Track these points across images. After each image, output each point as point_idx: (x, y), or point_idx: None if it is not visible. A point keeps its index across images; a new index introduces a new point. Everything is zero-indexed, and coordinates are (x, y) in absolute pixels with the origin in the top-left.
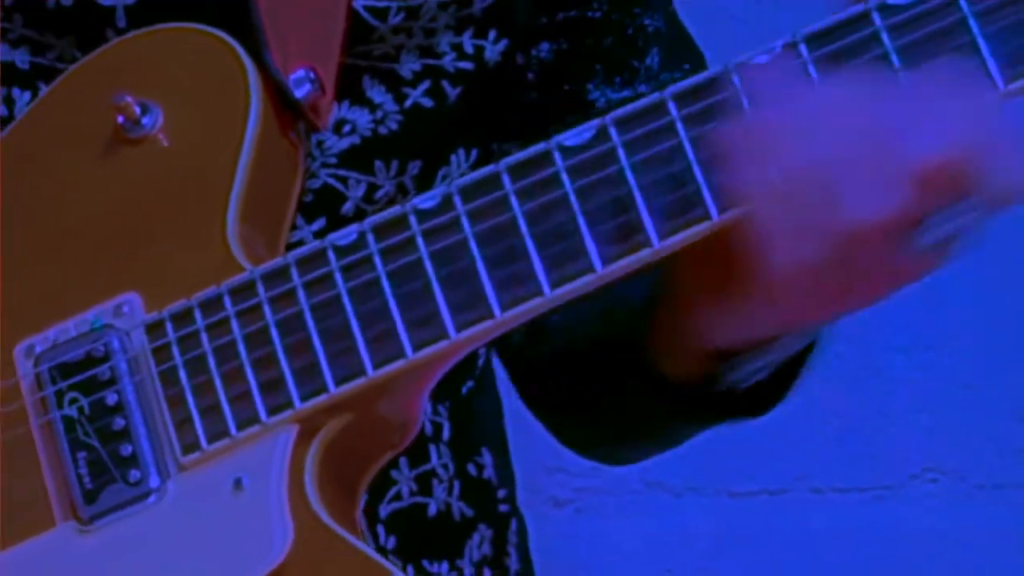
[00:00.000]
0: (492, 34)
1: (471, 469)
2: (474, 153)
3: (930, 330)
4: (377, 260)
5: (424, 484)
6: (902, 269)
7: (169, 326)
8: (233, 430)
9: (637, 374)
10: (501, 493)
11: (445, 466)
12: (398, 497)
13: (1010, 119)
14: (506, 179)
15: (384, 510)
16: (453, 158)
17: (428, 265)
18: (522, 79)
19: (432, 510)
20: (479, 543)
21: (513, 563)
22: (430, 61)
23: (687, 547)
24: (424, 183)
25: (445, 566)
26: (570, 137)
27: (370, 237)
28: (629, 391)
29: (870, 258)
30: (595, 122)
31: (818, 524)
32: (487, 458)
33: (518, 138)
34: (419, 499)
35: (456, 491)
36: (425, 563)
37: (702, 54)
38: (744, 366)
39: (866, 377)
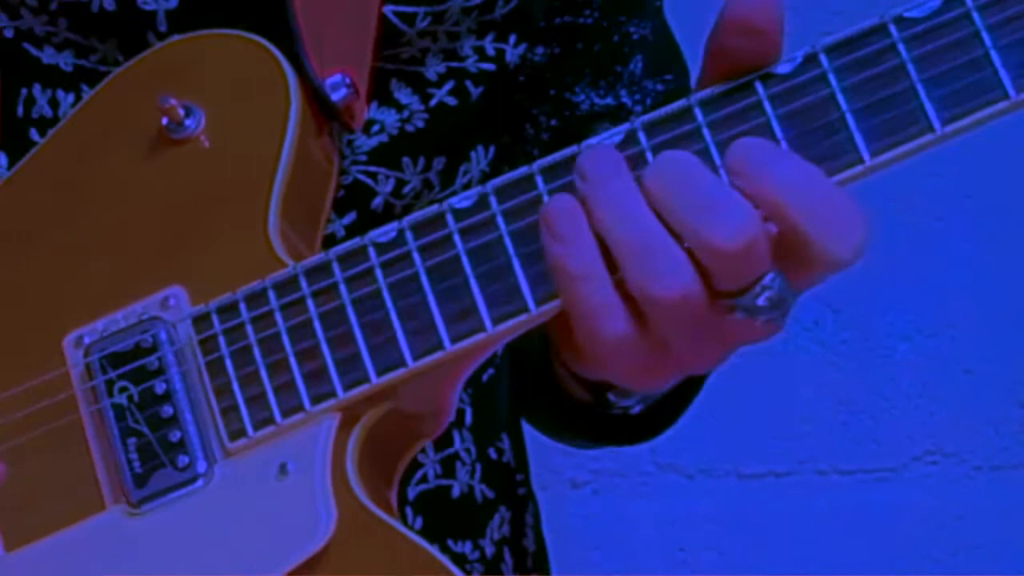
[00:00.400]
0: (512, 38)
1: (492, 453)
2: (492, 149)
3: (931, 318)
4: (416, 256)
5: (448, 467)
6: (729, 334)
7: (215, 318)
8: (278, 418)
9: (542, 383)
10: (519, 477)
11: (468, 450)
12: (424, 479)
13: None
14: (539, 180)
15: (412, 492)
16: (473, 154)
17: (465, 261)
18: (515, 81)
19: (456, 492)
20: (499, 524)
21: (530, 544)
22: (454, 63)
23: (698, 526)
24: (448, 178)
25: (469, 545)
26: (601, 140)
27: (409, 234)
28: (538, 395)
29: (677, 329)
30: (624, 126)
31: (823, 505)
32: (506, 443)
33: (523, 138)
34: (444, 481)
35: (478, 474)
36: (450, 542)
37: (686, 66)
38: (618, 398)
39: (870, 363)
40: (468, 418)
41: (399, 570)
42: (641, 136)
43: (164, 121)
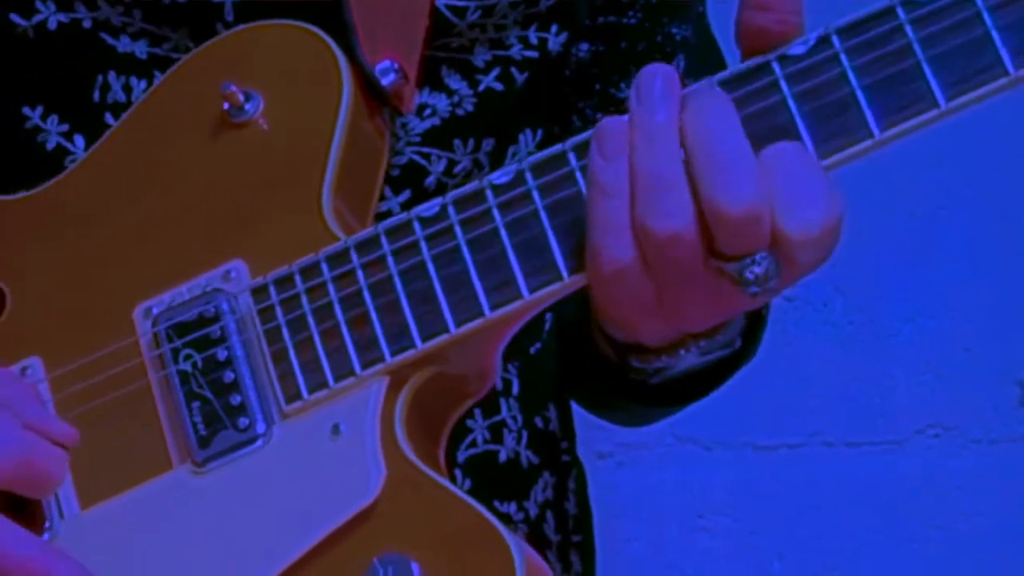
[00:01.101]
0: (554, 28)
1: (538, 422)
2: (540, 132)
3: (933, 302)
4: (458, 230)
5: (496, 433)
6: (719, 294)
7: (272, 290)
8: (331, 382)
9: (582, 345)
10: (563, 444)
11: (514, 418)
12: (473, 444)
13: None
14: (572, 156)
15: (461, 455)
16: (521, 137)
17: (503, 234)
18: (560, 74)
19: (503, 456)
20: (543, 488)
21: (571, 507)
22: (499, 52)
23: (715, 494)
24: (496, 159)
25: (513, 506)
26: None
27: (451, 209)
28: (580, 360)
29: (670, 271)
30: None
31: (832, 475)
32: (552, 412)
33: (570, 130)
34: (491, 446)
35: (524, 440)
36: (496, 503)
37: (727, 66)
38: (638, 362)
39: (876, 343)
40: (515, 388)
41: (445, 523)
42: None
43: (226, 106)
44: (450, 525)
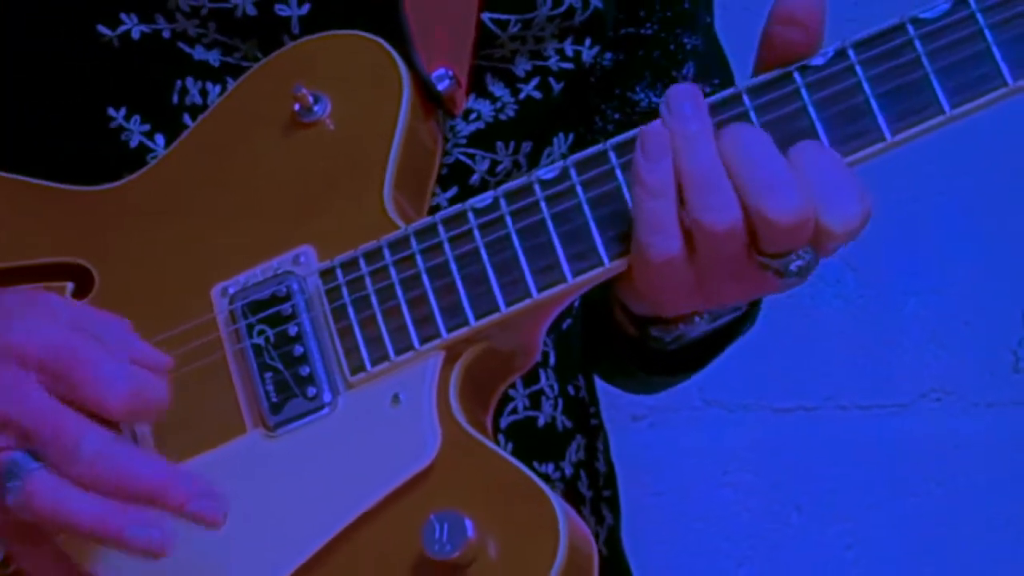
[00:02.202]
0: (588, 41)
1: (570, 390)
2: (571, 136)
3: (936, 278)
4: (508, 220)
5: (535, 401)
6: (755, 282)
7: (339, 272)
8: (392, 355)
9: (605, 321)
10: (592, 410)
11: (551, 387)
12: (514, 411)
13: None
14: (612, 155)
15: (504, 421)
16: (555, 140)
17: (550, 224)
18: (587, 81)
19: (541, 422)
20: (576, 449)
21: (600, 466)
22: (539, 62)
23: (738, 453)
24: (533, 160)
25: (551, 467)
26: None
27: (502, 201)
28: (605, 334)
29: (716, 261)
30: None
31: (844, 434)
32: (581, 381)
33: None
34: (531, 413)
35: (560, 407)
36: (535, 463)
37: (732, 74)
38: (659, 331)
39: (885, 314)
40: (551, 359)
41: (495, 483)
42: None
43: (296, 107)
44: (499, 485)
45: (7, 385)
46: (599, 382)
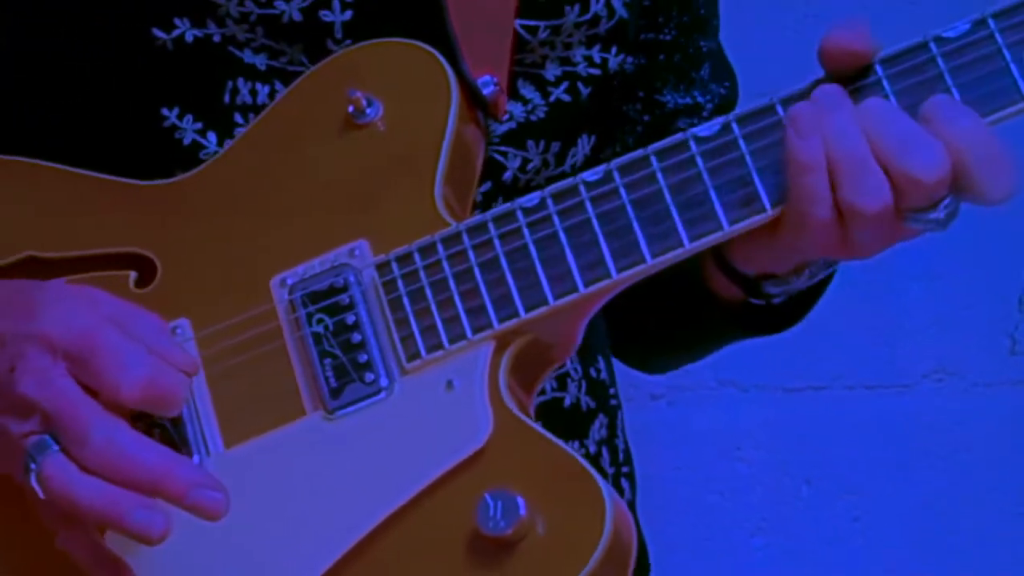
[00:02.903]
0: (614, 49)
1: (592, 372)
2: (594, 137)
3: (938, 266)
4: (555, 219)
5: (561, 383)
6: (896, 236)
7: (395, 266)
8: (446, 344)
9: (694, 293)
10: (612, 391)
11: (575, 369)
12: (543, 392)
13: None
14: (654, 160)
15: (534, 403)
16: (580, 141)
17: (595, 223)
18: (610, 84)
19: (567, 402)
20: (599, 428)
21: (620, 443)
22: (568, 68)
23: (751, 430)
24: (560, 159)
25: (576, 444)
26: (703, 129)
27: (549, 200)
28: (687, 306)
29: (865, 229)
30: (721, 119)
31: (851, 413)
32: (602, 363)
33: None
34: (557, 394)
35: (583, 388)
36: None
37: (735, 74)
38: (772, 286)
39: (889, 299)
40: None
41: (543, 464)
42: (735, 128)
43: (350, 109)
44: (547, 465)
45: (34, 369)
46: (617, 364)
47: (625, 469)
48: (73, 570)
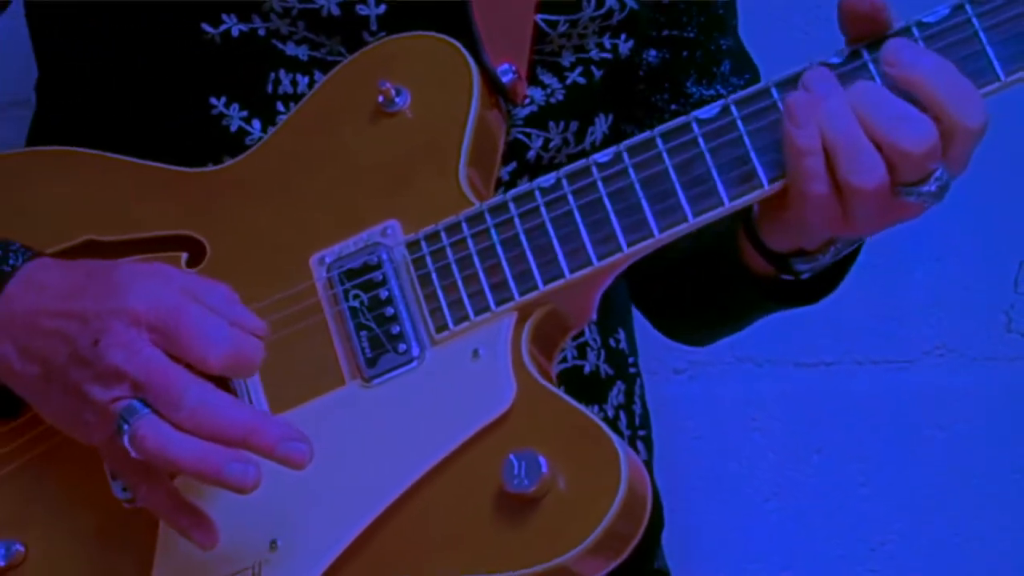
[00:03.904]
0: (623, 36)
1: (611, 342)
2: (611, 116)
3: (940, 249)
4: (571, 198)
5: (581, 351)
6: (895, 212)
7: (424, 244)
8: (472, 316)
9: (730, 269)
10: (631, 360)
11: (594, 339)
12: (564, 360)
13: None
14: (659, 141)
15: (555, 369)
16: (597, 120)
17: (607, 201)
18: (635, 74)
19: (587, 369)
20: (616, 394)
21: (637, 408)
22: (581, 55)
23: (766, 402)
24: (579, 137)
25: (596, 408)
26: (704, 111)
27: (564, 181)
28: (725, 282)
29: (863, 204)
30: (720, 101)
31: (859, 386)
32: (622, 335)
33: (635, 116)
34: (578, 362)
35: (602, 357)
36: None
37: (757, 67)
38: (801, 263)
39: (894, 281)
40: (594, 316)
41: (563, 426)
42: (733, 109)
43: (380, 99)
44: (567, 427)
45: (123, 342)
46: (641, 337)
47: (642, 432)
48: (124, 528)
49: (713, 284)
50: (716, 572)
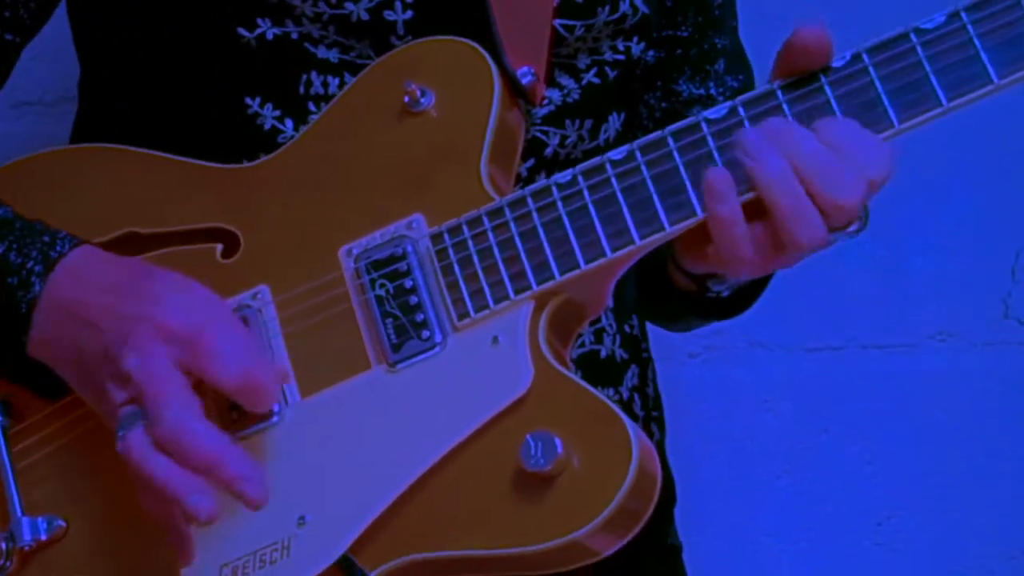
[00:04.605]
0: (635, 39)
1: (626, 328)
2: (623, 115)
3: (941, 240)
4: (586, 193)
5: (598, 336)
6: (816, 248)
7: (447, 236)
8: (492, 304)
9: (661, 281)
10: (643, 345)
11: (610, 325)
12: (581, 345)
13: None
14: (670, 140)
15: (574, 353)
16: (611, 118)
17: (620, 196)
18: (633, 73)
19: (603, 354)
20: (631, 376)
21: (650, 391)
22: (596, 56)
23: (776, 385)
24: (593, 134)
25: (611, 391)
26: (713, 112)
27: (580, 177)
28: (660, 292)
29: (795, 253)
30: (728, 103)
31: (864, 369)
32: (635, 321)
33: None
34: (594, 347)
35: (618, 342)
36: (598, 388)
37: (751, 69)
38: (716, 285)
39: (898, 271)
40: (610, 303)
41: (577, 409)
42: (740, 110)
43: (406, 99)
44: (581, 410)
45: (139, 347)
46: (651, 324)
47: (655, 413)
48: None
49: (654, 296)
50: (731, 545)
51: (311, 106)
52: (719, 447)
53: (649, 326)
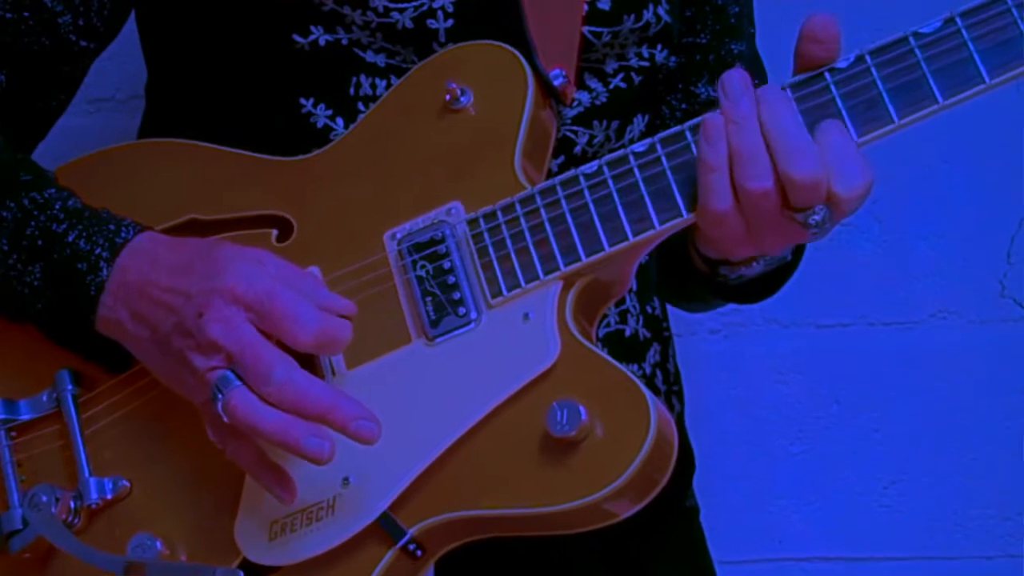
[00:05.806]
0: (659, 46)
1: (649, 309)
2: (647, 117)
3: (942, 226)
4: (610, 182)
5: (623, 317)
6: (790, 232)
7: (482, 221)
8: (523, 283)
9: (683, 263)
10: (664, 324)
11: (634, 306)
12: (607, 324)
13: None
14: (688, 133)
15: (600, 332)
16: (636, 119)
17: (642, 185)
18: (656, 77)
19: (627, 332)
20: (653, 354)
21: (671, 367)
22: (622, 62)
23: (791, 359)
24: (620, 135)
25: (635, 367)
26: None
27: (605, 168)
28: (682, 273)
29: (758, 216)
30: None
31: (872, 344)
32: (656, 302)
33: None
34: (619, 326)
35: (641, 322)
36: (623, 364)
37: (766, 74)
38: (725, 270)
39: (903, 253)
40: (634, 286)
41: (601, 380)
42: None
43: (447, 97)
44: (604, 381)
45: (221, 318)
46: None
47: (675, 388)
48: (217, 469)
49: (677, 276)
50: (746, 507)
51: (360, 106)
52: (737, 416)
53: (669, 307)
